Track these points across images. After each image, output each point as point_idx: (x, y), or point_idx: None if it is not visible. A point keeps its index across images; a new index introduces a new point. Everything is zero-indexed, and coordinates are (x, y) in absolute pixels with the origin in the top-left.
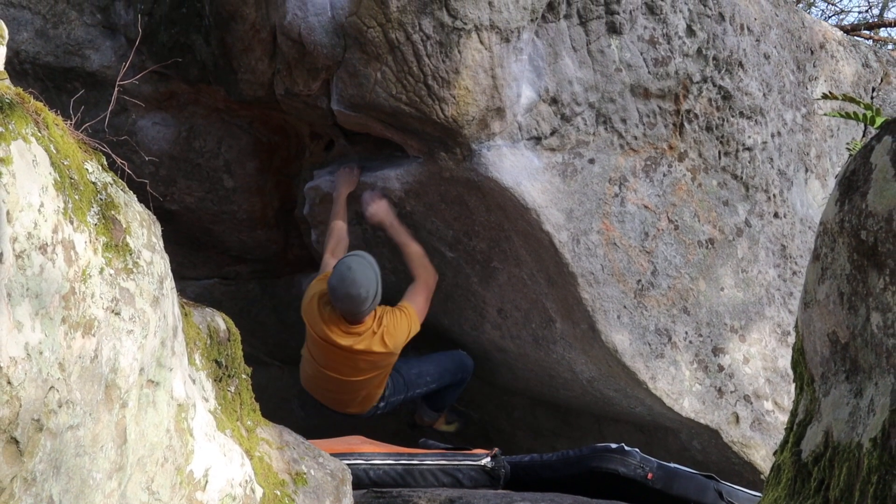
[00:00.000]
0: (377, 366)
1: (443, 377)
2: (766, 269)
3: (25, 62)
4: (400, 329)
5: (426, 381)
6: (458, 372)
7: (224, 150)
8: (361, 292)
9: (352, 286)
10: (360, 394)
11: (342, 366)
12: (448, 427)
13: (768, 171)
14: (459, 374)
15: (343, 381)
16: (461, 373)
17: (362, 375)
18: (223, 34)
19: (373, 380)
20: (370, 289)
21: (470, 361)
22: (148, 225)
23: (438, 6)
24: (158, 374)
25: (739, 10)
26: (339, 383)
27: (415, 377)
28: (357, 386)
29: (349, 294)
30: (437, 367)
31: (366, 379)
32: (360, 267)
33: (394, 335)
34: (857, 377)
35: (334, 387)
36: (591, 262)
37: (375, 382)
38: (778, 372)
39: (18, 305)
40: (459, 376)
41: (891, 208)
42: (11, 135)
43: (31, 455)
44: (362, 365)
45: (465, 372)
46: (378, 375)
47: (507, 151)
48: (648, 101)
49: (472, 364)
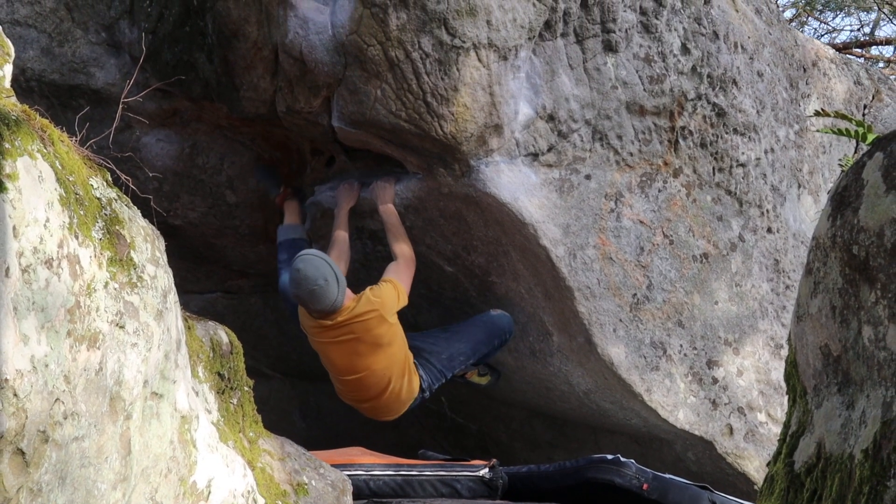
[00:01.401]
0: (374, 339)
1: (478, 350)
2: (759, 284)
3: (31, 80)
4: (386, 293)
5: (461, 361)
6: (494, 338)
7: (227, 166)
8: (320, 282)
9: (308, 282)
10: (386, 387)
11: (350, 356)
12: (480, 379)
13: (762, 186)
14: (496, 341)
15: (362, 379)
16: (498, 338)
17: (370, 358)
18: (226, 52)
19: (390, 363)
20: (328, 276)
21: (505, 321)
22: (152, 240)
23: (437, 25)
24: (162, 386)
25: (733, 28)
26: (360, 384)
27: (447, 361)
28: (379, 379)
29: (311, 290)
30: (468, 343)
31: (379, 363)
32: (309, 263)
33: (380, 296)
34: (848, 389)
35: (361, 391)
36: (588, 276)
37: (397, 368)
38: (771, 384)
39: (24, 319)
40: (497, 342)
41: (882, 223)
42: (18, 151)
43: (37, 466)
44: (362, 343)
45: (501, 336)
46: (390, 357)
47: (505, 167)
48: (644, 118)
49: (508, 323)
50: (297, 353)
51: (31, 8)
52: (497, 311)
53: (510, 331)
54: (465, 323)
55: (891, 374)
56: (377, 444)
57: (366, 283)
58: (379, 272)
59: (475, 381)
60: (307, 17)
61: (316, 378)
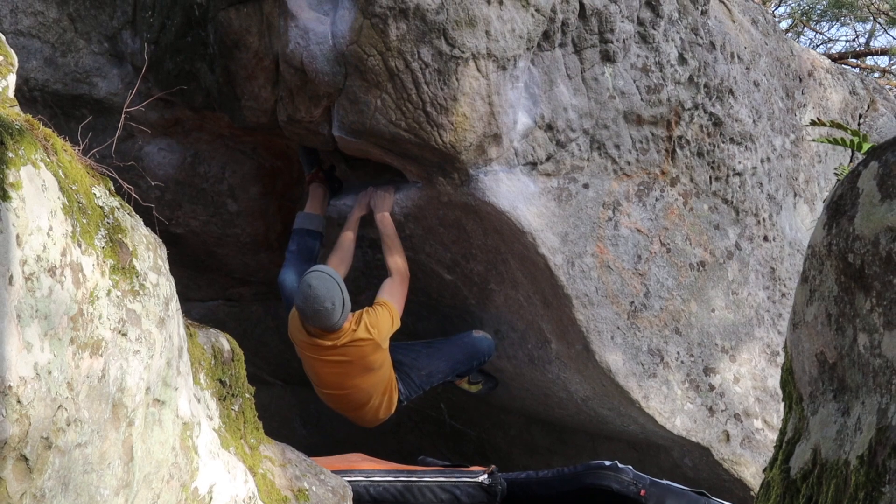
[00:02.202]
0: (366, 364)
1: (455, 369)
2: (755, 291)
3: (35, 89)
4: (382, 321)
5: (438, 378)
6: (473, 360)
7: (228, 175)
8: (327, 305)
9: (316, 302)
10: (366, 403)
11: (338, 376)
12: (472, 387)
13: (758, 195)
14: (475, 362)
15: (344, 395)
16: (476, 360)
17: (358, 379)
18: (227, 62)
19: (376, 385)
20: (335, 299)
21: (485, 344)
22: (154, 248)
23: (437, 35)
24: (164, 393)
25: (730, 38)
26: (342, 398)
27: (426, 377)
28: (363, 396)
29: (316, 311)
30: (447, 362)
31: (366, 384)
32: (321, 282)
33: (377, 326)
34: (844, 396)
35: (341, 403)
36: (586, 284)
37: (381, 388)
38: (767, 391)
39: (28, 326)
40: (475, 363)
41: (877, 232)
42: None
43: (41, 472)
44: (354, 366)
45: (480, 358)
46: (378, 379)
47: (504, 176)
48: (641, 128)
49: (488, 346)
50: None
51: (34, 18)
52: (479, 332)
53: (490, 354)
54: (447, 341)
55: (886, 381)
56: (377, 451)
57: (365, 289)
58: (378, 280)
59: (465, 388)
60: (308, 27)
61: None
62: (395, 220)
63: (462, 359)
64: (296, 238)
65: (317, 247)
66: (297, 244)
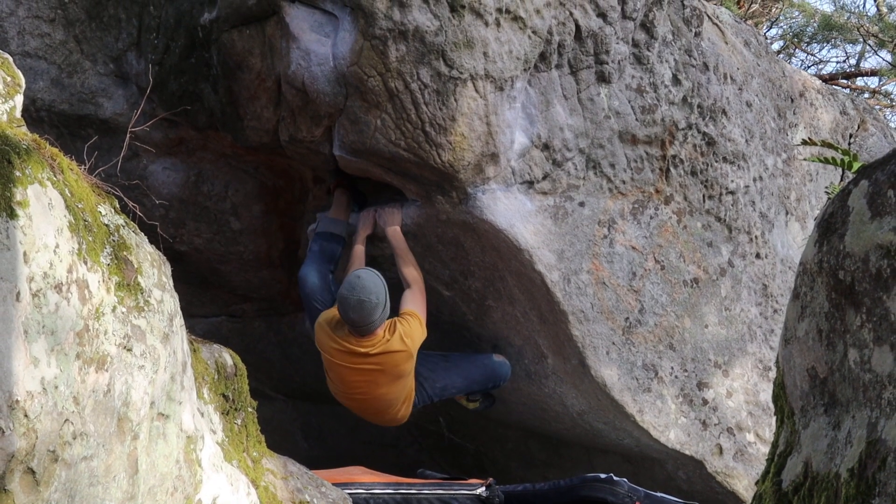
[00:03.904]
0: (398, 373)
1: (470, 388)
2: (748, 308)
3: (42, 110)
4: (416, 331)
5: (452, 393)
6: (489, 382)
7: (231, 193)
8: (372, 298)
9: (362, 292)
10: (388, 409)
11: (367, 384)
12: (469, 404)
13: (750, 213)
14: (490, 384)
15: (370, 401)
16: (492, 382)
17: (386, 388)
18: (230, 83)
19: (401, 392)
20: (380, 295)
21: (504, 370)
22: (158, 265)
23: (436, 56)
24: (168, 407)
25: (723, 60)
26: (367, 404)
27: (440, 390)
28: (387, 403)
29: (360, 301)
30: (465, 380)
31: (393, 392)
32: (370, 276)
33: (411, 336)
34: (835, 410)
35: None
36: (582, 300)
37: (404, 395)
38: (759, 405)
39: (35, 342)
40: (490, 385)
41: (867, 249)
42: (28, 179)
43: (47, 485)
44: (385, 375)
45: (496, 381)
46: (403, 387)
47: (501, 195)
48: (636, 147)
49: (505, 372)
50: (300, 375)
51: (41, 40)
52: (500, 357)
53: (506, 379)
54: (466, 358)
55: (876, 395)
56: (377, 464)
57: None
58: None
59: (463, 404)
60: (309, 48)
61: (318, 399)
62: None
63: (479, 379)
64: (318, 240)
65: (338, 251)
66: (320, 245)
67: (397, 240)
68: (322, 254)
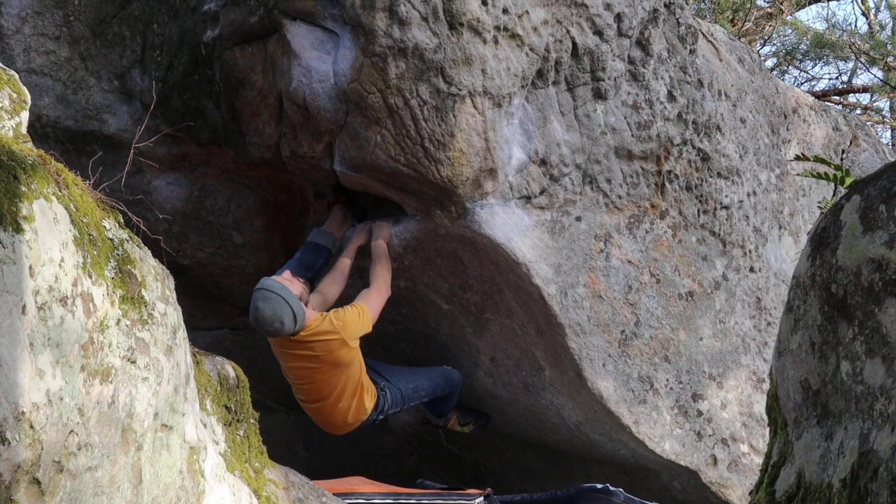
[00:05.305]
0: (333, 360)
1: (435, 391)
2: (742, 321)
3: (47, 126)
4: (350, 318)
5: (420, 395)
6: (448, 386)
7: (233, 208)
8: (276, 325)
9: (266, 323)
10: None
11: (307, 370)
12: (463, 428)
13: (744, 228)
14: (448, 388)
15: (317, 391)
16: (450, 386)
17: (328, 374)
18: (232, 99)
19: (345, 383)
20: (285, 317)
21: (456, 375)
22: (162, 279)
23: (435, 73)
24: (172, 418)
25: (717, 77)
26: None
27: (412, 391)
28: (330, 391)
29: (268, 331)
30: (430, 381)
31: (334, 380)
32: (268, 303)
33: (343, 320)
34: (827, 422)
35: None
36: (578, 313)
37: (350, 389)
38: (753, 417)
39: (40, 354)
40: (449, 389)
41: (859, 263)
42: (34, 194)
43: (53, 495)
44: (321, 361)
45: (453, 385)
46: (348, 378)
47: (499, 210)
48: (632, 163)
49: (458, 377)
50: None
51: (46, 57)
52: (449, 367)
53: (459, 384)
54: (424, 368)
55: (867, 407)
56: (377, 474)
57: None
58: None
59: (458, 429)
60: (310, 65)
61: None
62: (394, 252)
63: (441, 383)
64: (303, 249)
65: (319, 262)
66: (302, 253)
67: (379, 249)
68: (301, 261)
